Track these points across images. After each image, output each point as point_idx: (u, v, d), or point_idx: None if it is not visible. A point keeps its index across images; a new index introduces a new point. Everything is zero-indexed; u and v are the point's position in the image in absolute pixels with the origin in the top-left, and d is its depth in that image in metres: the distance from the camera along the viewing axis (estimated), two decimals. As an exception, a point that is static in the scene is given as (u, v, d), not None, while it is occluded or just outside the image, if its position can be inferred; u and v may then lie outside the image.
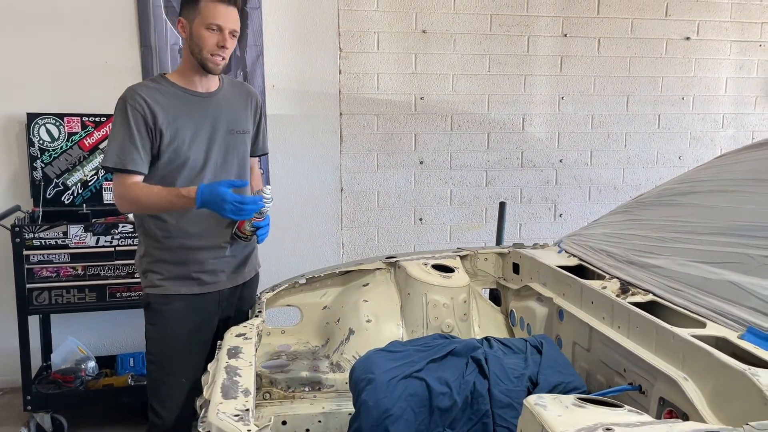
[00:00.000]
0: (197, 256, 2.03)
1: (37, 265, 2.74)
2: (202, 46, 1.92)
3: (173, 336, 2.03)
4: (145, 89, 1.96)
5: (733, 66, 3.92)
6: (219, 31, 1.92)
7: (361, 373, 1.64)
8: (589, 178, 3.88)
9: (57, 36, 3.10)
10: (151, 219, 2.00)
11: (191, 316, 2.04)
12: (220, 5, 1.91)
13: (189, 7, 1.94)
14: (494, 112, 3.69)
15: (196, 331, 2.05)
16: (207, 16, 1.90)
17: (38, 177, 3.05)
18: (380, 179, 3.62)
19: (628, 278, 1.87)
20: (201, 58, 1.94)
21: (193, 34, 1.93)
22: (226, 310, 2.13)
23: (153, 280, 2.03)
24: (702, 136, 3.97)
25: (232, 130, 2.06)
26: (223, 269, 2.08)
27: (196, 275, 2.03)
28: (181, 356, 2.03)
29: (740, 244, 1.70)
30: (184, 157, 1.96)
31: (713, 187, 2.07)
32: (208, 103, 2.03)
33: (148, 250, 2.04)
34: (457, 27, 3.55)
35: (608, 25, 3.72)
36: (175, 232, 1.99)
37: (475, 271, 2.42)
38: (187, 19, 1.94)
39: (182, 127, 1.96)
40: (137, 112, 1.90)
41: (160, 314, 2.03)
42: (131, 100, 1.92)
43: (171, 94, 1.98)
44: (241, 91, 2.16)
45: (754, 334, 1.43)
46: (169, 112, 1.95)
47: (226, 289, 2.10)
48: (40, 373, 2.98)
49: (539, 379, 1.60)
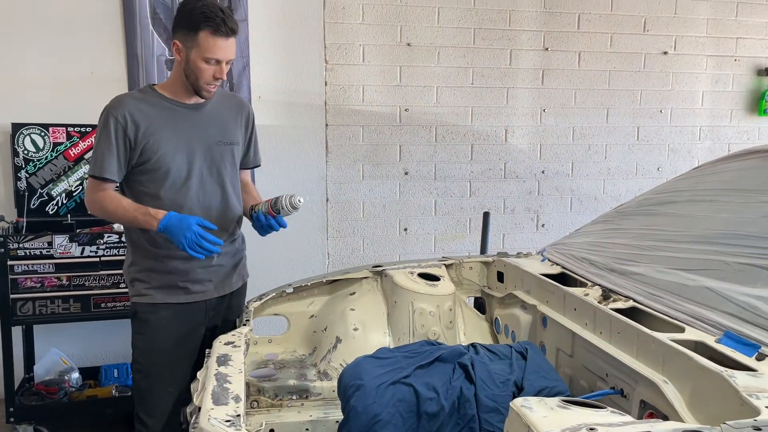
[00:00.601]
0: (184, 265, 2.02)
1: (22, 276, 2.73)
2: (198, 76, 1.93)
3: (160, 345, 2.03)
4: (131, 100, 1.97)
5: (709, 80, 4.03)
6: (216, 63, 1.92)
7: (350, 379, 1.67)
8: (570, 189, 3.95)
9: (43, 46, 3.10)
10: (141, 230, 2.00)
11: (178, 325, 2.04)
12: (220, 40, 1.89)
13: (186, 33, 1.91)
14: (477, 123, 3.75)
15: (183, 341, 2.05)
16: (206, 49, 1.89)
17: (23, 187, 3.03)
18: (366, 190, 3.65)
19: (610, 285, 1.92)
20: (196, 86, 1.95)
21: (190, 62, 1.91)
22: (213, 319, 2.13)
23: (140, 289, 2.03)
24: (680, 148, 4.07)
25: (220, 142, 2.06)
26: (210, 278, 2.08)
27: (183, 284, 2.03)
28: (168, 365, 2.03)
29: (716, 252, 1.75)
30: (166, 168, 1.96)
31: (691, 197, 2.13)
32: (195, 115, 2.03)
33: (135, 259, 2.05)
34: (441, 40, 3.61)
35: (588, 40, 3.81)
36: (162, 242, 1.98)
37: (460, 280, 2.46)
38: (184, 45, 1.92)
39: (166, 138, 1.96)
40: (119, 124, 1.91)
41: (148, 323, 2.03)
42: (114, 110, 1.93)
43: (157, 106, 1.98)
44: (232, 103, 2.16)
45: (731, 338, 1.48)
46: (154, 122, 1.95)
47: (213, 298, 2.10)
48: (22, 385, 2.95)
49: (524, 383, 1.63)
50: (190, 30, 1.89)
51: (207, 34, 1.88)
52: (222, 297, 2.14)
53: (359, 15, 3.49)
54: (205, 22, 1.87)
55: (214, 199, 2.07)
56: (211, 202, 2.05)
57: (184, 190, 1.99)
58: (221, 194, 2.08)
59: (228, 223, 2.11)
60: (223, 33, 1.89)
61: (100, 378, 3.08)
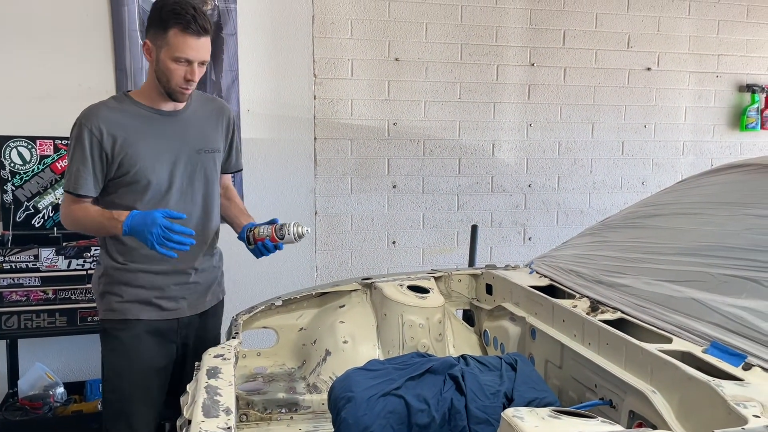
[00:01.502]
0: (159, 280, 1.96)
1: (7, 289, 2.70)
2: (169, 77, 1.85)
3: (132, 363, 1.96)
4: (105, 110, 1.88)
5: (692, 96, 4.10)
6: (188, 63, 1.83)
7: (341, 391, 1.66)
8: (556, 203, 3.99)
9: (30, 58, 3.09)
10: (112, 240, 1.94)
11: (149, 342, 1.97)
12: (190, 38, 1.80)
13: (156, 33, 1.83)
14: (465, 137, 3.78)
15: (155, 359, 1.99)
16: (175, 48, 1.81)
17: (8, 200, 3.01)
18: (354, 203, 3.66)
19: (598, 297, 1.94)
20: (168, 88, 1.87)
21: (160, 62, 1.84)
22: (186, 338, 2.07)
23: (111, 303, 1.96)
24: (663, 162, 4.13)
25: (200, 150, 1.98)
26: (184, 296, 2.02)
27: (157, 301, 1.97)
28: (139, 384, 1.96)
29: (702, 264, 1.78)
30: (146, 180, 1.89)
31: (676, 210, 2.17)
32: (173, 122, 1.95)
33: (107, 271, 1.97)
34: (428, 55, 3.65)
35: (573, 56, 3.87)
36: (138, 256, 1.92)
37: (449, 292, 2.47)
38: (154, 45, 1.84)
39: (144, 148, 1.88)
40: (93, 136, 1.83)
41: (118, 340, 1.96)
42: (87, 122, 1.84)
43: (134, 114, 1.90)
44: (212, 108, 2.07)
45: (718, 348, 1.50)
46: (131, 133, 1.87)
47: (186, 316, 2.04)
48: (6, 400, 2.91)
49: (514, 395, 1.64)
50: (159, 28, 1.82)
51: (176, 32, 1.79)
52: (195, 315, 2.07)
53: (348, 30, 3.52)
54: (175, 19, 1.79)
55: (195, 210, 2.01)
56: (191, 214, 1.99)
57: (163, 203, 1.92)
58: (202, 205, 2.02)
59: (207, 235, 2.05)
60: (193, 31, 1.80)
61: (85, 393, 3.04)
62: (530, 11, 3.76)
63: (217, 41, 3.30)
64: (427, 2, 3.60)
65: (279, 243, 1.95)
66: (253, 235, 1.98)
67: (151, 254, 1.86)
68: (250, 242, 1.99)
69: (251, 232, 1.99)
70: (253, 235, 1.98)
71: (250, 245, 2.00)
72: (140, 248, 1.89)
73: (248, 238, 1.99)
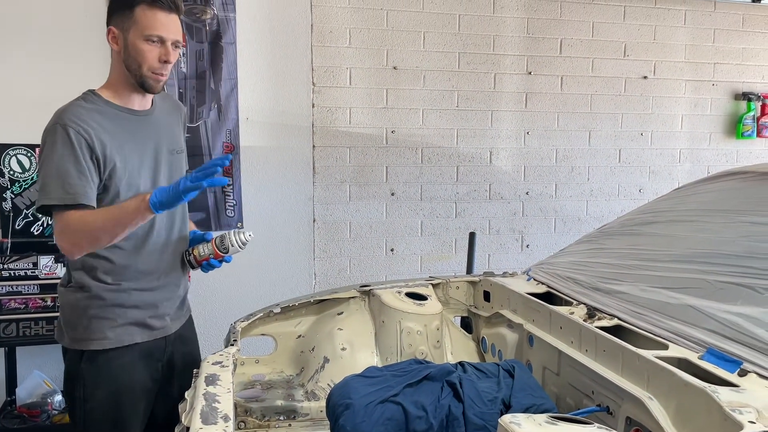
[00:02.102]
0: (152, 298, 1.83)
1: (6, 297, 2.71)
2: (141, 61, 1.67)
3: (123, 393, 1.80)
4: (84, 112, 1.67)
5: (688, 104, 4.12)
6: (160, 43, 1.67)
7: (339, 398, 1.67)
8: (554, 210, 4.00)
9: (30, 66, 3.10)
10: (99, 259, 1.74)
11: (140, 366, 1.83)
12: (160, 12, 1.65)
13: (121, 14, 1.67)
14: (463, 145, 3.80)
15: (145, 383, 1.85)
16: (145, 26, 1.64)
17: (8, 208, 3.02)
18: (352, 210, 3.67)
19: (595, 304, 1.95)
20: (140, 75, 1.69)
21: (129, 46, 1.66)
22: (170, 355, 1.94)
23: (104, 329, 1.76)
24: (660, 170, 4.14)
25: (172, 151, 1.86)
26: (170, 312, 1.90)
27: (150, 320, 1.83)
28: (131, 412, 1.82)
29: (698, 270, 1.79)
30: (135, 188, 1.73)
31: (672, 217, 2.18)
32: (147, 123, 1.80)
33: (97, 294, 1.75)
34: (426, 64, 3.67)
35: (570, 64, 3.89)
36: (130, 274, 1.78)
37: (447, 299, 2.47)
38: (120, 28, 1.67)
39: (130, 154, 1.73)
40: (81, 138, 1.63)
41: (111, 369, 1.77)
42: (73, 124, 1.63)
43: (112, 116, 1.72)
44: (171, 106, 1.94)
45: (714, 355, 1.51)
46: (116, 138, 1.70)
47: (171, 333, 1.92)
48: (4, 408, 2.91)
49: (512, 401, 1.65)
50: (125, 8, 1.66)
51: (144, 8, 1.64)
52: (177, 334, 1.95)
53: (346, 39, 3.54)
54: None
55: (177, 215, 1.87)
56: (174, 219, 1.86)
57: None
58: (181, 210, 1.88)
59: (185, 242, 1.93)
60: (163, 5, 1.65)
61: (83, 401, 3.03)
62: (527, 20, 3.79)
63: (217, 50, 3.33)
64: (425, 11, 3.63)
65: (225, 257, 1.85)
66: (194, 258, 1.88)
67: (144, 269, 1.79)
68: (193, 266, 1.89)
69: (191, 255, 1.88)
70: (194, 258, 1.88)
71: (194, 268, 1.91)
72: (132, 264, 1.78)
73: (190, 262, 1.89)
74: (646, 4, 3.96)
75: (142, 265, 1.80)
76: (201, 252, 1.87)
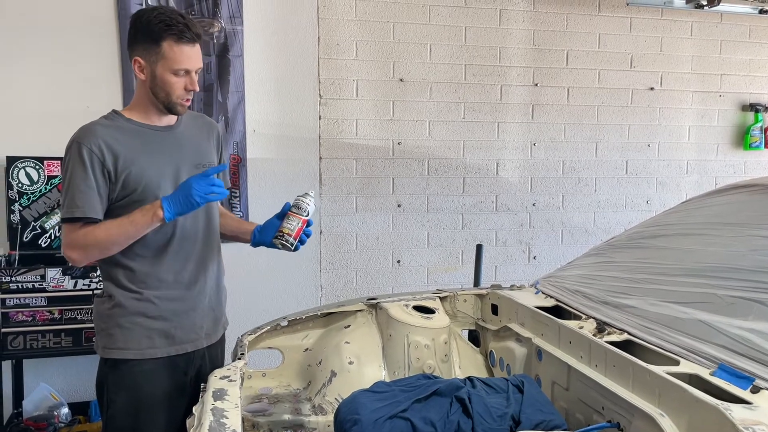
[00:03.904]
0: (174, 307, 1.85)
1: (13, 309, 2.71)
2: (169, 91, 1.78)
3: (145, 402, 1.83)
4: (101, 128, 1.77)
5: (695, 115, 4.12)
6: (186, 74, 1.78)
7: (347, 413, 1.66)
8: (561, 222, 3.99)
9: (39, 80, 3.13)
10: (118, 268, 1.81)
11: (164, 379, 1.85)
12: (186, 47, 1.75)
13: (147, 47, 1.76)
14: (469, 157, 3.80)
15: (172, 395, 1.86)
16: (173, 60, 1.74)
17: (16, 220, 3.03)
18: (359, 222, 3.67)
19: (604, 318, 1.94)
20: (168, 102, 1.80)
21: (157, 78, 1.76)
22: (198, 369, 1.94)
23: (127, 338, 1.81)
24: (668, 181, 4.13)
25: (198, 164, 1.89)
26: (197, 323, 1.91)
27: (175, 331, 1.85)
28: (152, 421, 1.84)
29: (708, 285, 1.78)
30: (153, 197, 1.77)
31: (681, 230, 2.17)
32: (169, 137, 1.87)
33: (120, 302, 1.81)
34: (432, 76, 3.68)
35: (576, 76, 3.89)
36: (152, 282, 1.82)
37: (454, 313, 2.46)
38: (147, 60, 1.76)
39: (148, 166, 1.79)
40: (94, 155, 1.72)
41: (131, 376, 1.82)
42: (86, 141, 1.73)
43: (130, 131, 1.80)
44: (202, 123, 2.02)
45: (725, 371, 1.49)
46: (132, 151, 1.78)
47: (202, 348, 1.93)
48: (11, 421, 2.90)
49: (521, 417, 1.64)
50: (151, 42, 1.74)
51: (171, 44, 1.73)
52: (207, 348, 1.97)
53: (353, 51, 3.55)
54: (167, 31, 1.73)
55: (200, 226, 1.91)
56: (197, 230, 1.90)
57: (171, 222, 1.79)
58: (205, 220, 1.92)
59: (213, 252, 1.97)
60: (188, 39, 1.75)
61: (89, 413, 3.03)
62: (533, 32, 3.80)
63: (224, 62, 3.34)
64: (431, 24, 3.64)
65: (309, 220, 1.86)
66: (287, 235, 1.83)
67: (166, 278, 1.82)
68: (291, 244, 1.84)
69: (283, 237, 1.83)
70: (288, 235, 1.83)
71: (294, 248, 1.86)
72: (153, 272, 1.82)
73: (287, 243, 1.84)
74: (652, 16, 3.96)
75: (164, 273, 1.83)
76: (290, 227, 1.83)
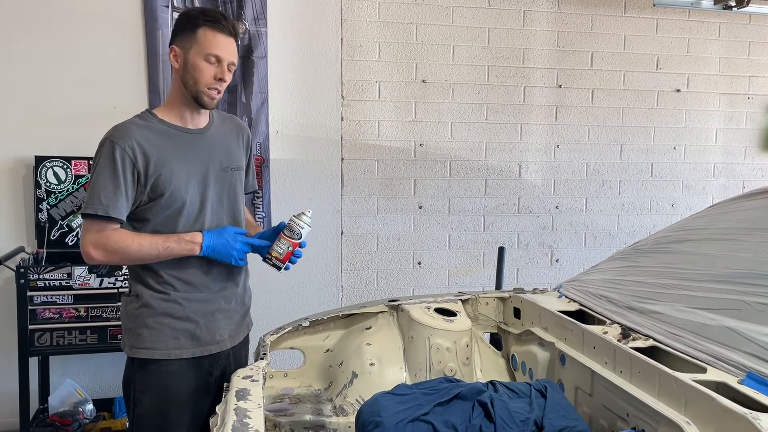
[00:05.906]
0: (202, 308, 1.88)
1: (40, 306, 2.76)
2: (199, 78, 1.79)
3: (172, 400, 1.85)
4: (136, 128, 1.80)
5: (723, 117, 4.05)
6: (218, 62, 1.80)
7: (369, 416, 1.66)
8: (584, 225, 3.95)
9: (67, 81, 3.18)
10: (146, 270, 1.84)
11: (190, 380, 1.87)
12: (220, 35, 1.79)
13: (184, 34, 1.80)
14: (491, 159, 3.78)
15: (194, 393, 1.88)
16: (206, 45, 1.78)
17: (43, 219, 3.08)
18: (380, 223, 3.67)
19: (629, 323, 1.91)
20: (196, 90, 1.81)
21: (189, 64, 1.79)
22: (220, 369, 1.97)
23: (153, 339, 1.84)
24: (694, 184, 4.07)
25: (226, 168, 1.93)
26: (226, 327, 1.94)
27: (201, 333, 1.88)
28: (177, 420, 1.86)
29: (737, 291, 1.74)
30: (181, 201, 1.81)
31: (708, 235, 2.13)
32: (200, 141, 1.89)
33: (147, 302, 1.84)
34: (455, 77, 3.67)
35: (601, 77, 3.86)
36: (179, 284, 1.85)
37: (476, 315, 2.45)
38: (182, 47, 1.80)
39: (177, 168, 1.82)
40: (126, 155, 1.74)
41: (158, 376, 1.84)
42: (120, 140, 1.75)
43: (162, 133, 1.83)
44: (231, 125, 2.03)
45: (754, 380, 1.47)
46: (162, 152, 1.80)
47: (227, 349, 1.95)
48: (37, 416, 2.96)
49: (544, 422, 1.62)
50: (188, 31, 1.79)
51: (206, 30, 1.78)
52: (233, 347, 1.99)
53: (376, 53, 3.56)
54: (204, 19, 1.79)
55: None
56: None
57: (197, 224, 1.85)
58: (233, 224, 1.95)
59: None
60: (223, 28, 1.79)
61: (114, 410, 3.08)
62: (558, 33, 3.77)
63: (248, 64, 3.37)
64: (454, 25, 3.63)
65: (301, 242, 1.90)
66: (276, 259, 1.88)
67: (192, 280, 1.85)
68: (279, 267, 1.90)
69: (272, 259, 1.88)
70: (276, 259, 1.88)
71: (281, 269, 1.92)
72: (179, 275, 1.84)
73: (275, 265, 1.90)
74: (679, 17, 3.91)
75: (190, 275, 1.86)
76: (280, 250, 1.88)
